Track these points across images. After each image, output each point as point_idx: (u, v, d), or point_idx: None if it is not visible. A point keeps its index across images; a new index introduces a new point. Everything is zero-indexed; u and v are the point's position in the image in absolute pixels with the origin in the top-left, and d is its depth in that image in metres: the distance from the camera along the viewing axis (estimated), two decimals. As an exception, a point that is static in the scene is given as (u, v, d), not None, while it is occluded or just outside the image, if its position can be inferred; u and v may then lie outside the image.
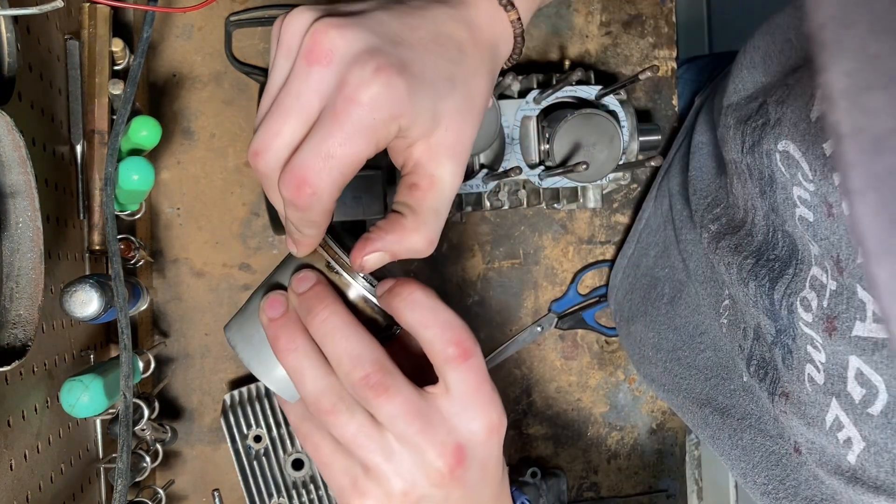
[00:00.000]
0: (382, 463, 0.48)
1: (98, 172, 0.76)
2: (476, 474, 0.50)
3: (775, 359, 0.64)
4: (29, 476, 0.66)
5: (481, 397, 0.48)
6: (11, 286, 0.60)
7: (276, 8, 0.93)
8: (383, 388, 0.47)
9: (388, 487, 0.49)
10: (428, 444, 0.47)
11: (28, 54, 0.66)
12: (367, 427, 0.48)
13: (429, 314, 0.48)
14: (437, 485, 0.48)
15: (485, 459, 0.50)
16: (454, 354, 0.48)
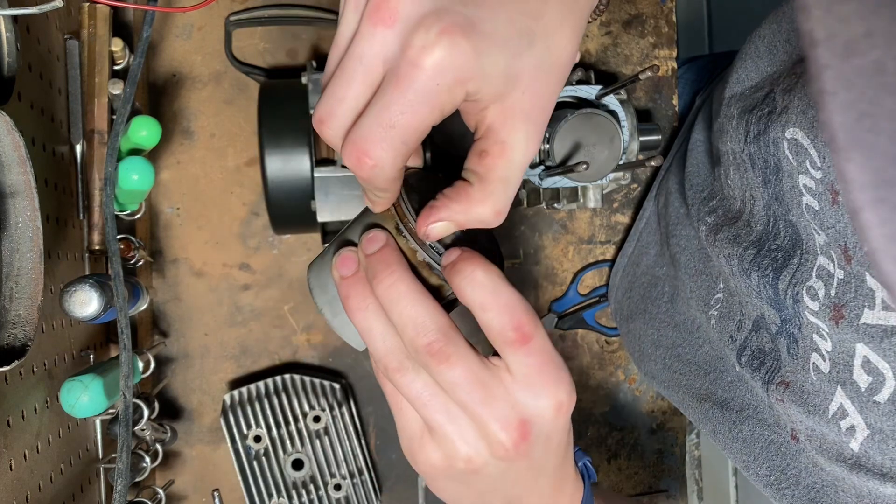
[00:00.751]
0: (447, 424, 0.48)
1: (98, 172, 0.76)
2: (541, 448, 0.49)
3: (779, 349, 0.64)
4: (29, 476, 0.66)
5: (545, 377, 0.48)
6: (11, 286, 0.60)
7: (276, 8, 0.93)
8: (445, 356, 0.46)
9: (451, 450, 0.49)
10: (490, 417, 0.47)
11: (28, 54, 0.66)
12: (432, 387, 0.48)
13: (489, 296, 0.47)
14: (501, 457, 0.48)
15: (550, 434, 0.50)
16: (513, 339, 0.47)
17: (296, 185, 0.79)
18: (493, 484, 0.51)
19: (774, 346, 0.65)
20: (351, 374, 0.97)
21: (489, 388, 0.47)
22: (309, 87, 0.79)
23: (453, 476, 0.50)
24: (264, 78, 0.93)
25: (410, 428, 0.51)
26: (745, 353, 0.69)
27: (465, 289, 0.47)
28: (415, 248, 0.51)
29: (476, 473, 0.49)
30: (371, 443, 0.98)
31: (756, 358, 0.67)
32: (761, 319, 0.67)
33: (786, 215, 0.63)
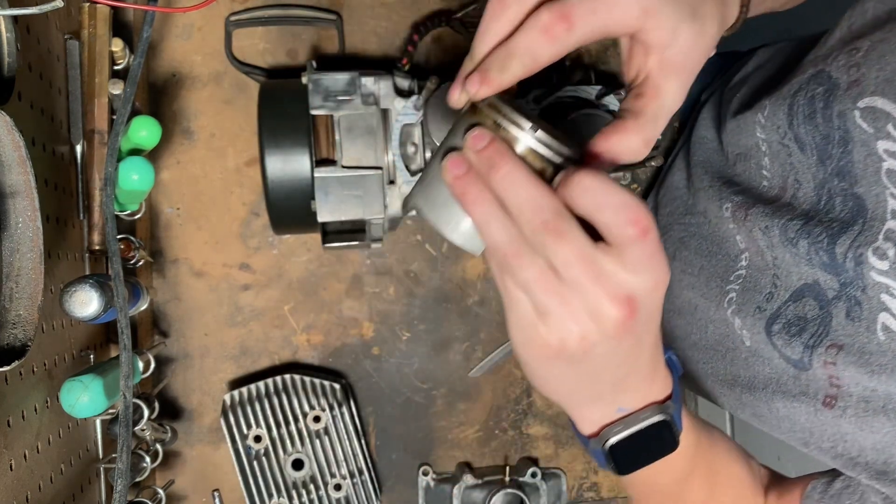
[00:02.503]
0: (560, 305, 0.50)
1: (98, 172, 0.76)
2: (644, 326, 0.52)
3: (832, 314, 0.64)
4: (29, 476, 0.66)
5: (654, 261, 0.50)
6: (11, 286, 0.60)
7: (277, 8, 0.93)
8: (561, 234, 0.49)
9: (564, 331, 0.51)
10: (601, 293, 0.49)
11: (28, 54, 0.66)
12: (546, 272, 0.50)
13: (602, 197, 0.48)
14: (611, 335, 0.51)
15: (652, 313, 0.53)
16: (633, 234, 0.48)
17: (296, 185, 0.79)
18: (602, 364, 0.54)
19: (825, 311, 0.65)
20: (351, 374, 0.97)
21: (599, 265, 0.49)
22: (309, 87, 0.79)
23: (564, 359, 0.53)
24: (264, 78, 0.93)
25: (525, 318, 0.53)
26: (776, 323, 0.70)
27: (578, 198, 0.49)
28: (516, 137, 0.53)
29: (587, 354, 0.52)
30: (371, 443, 0.98)
31: (794, 325, 0.68)
32: (810, 288, 0.68)
33: (849, 189, 0.64)
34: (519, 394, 1.00)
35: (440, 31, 0.96)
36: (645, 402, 0.59)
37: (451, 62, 0.97)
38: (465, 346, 0.99)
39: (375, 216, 0.80)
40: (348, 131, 0.80)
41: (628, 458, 0.59)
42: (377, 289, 0.97)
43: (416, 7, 0.96)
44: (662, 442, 0.59)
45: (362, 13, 0.96)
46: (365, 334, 0.97)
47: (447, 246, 0.98)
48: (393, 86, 0.81)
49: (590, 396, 0.58)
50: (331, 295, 0.96)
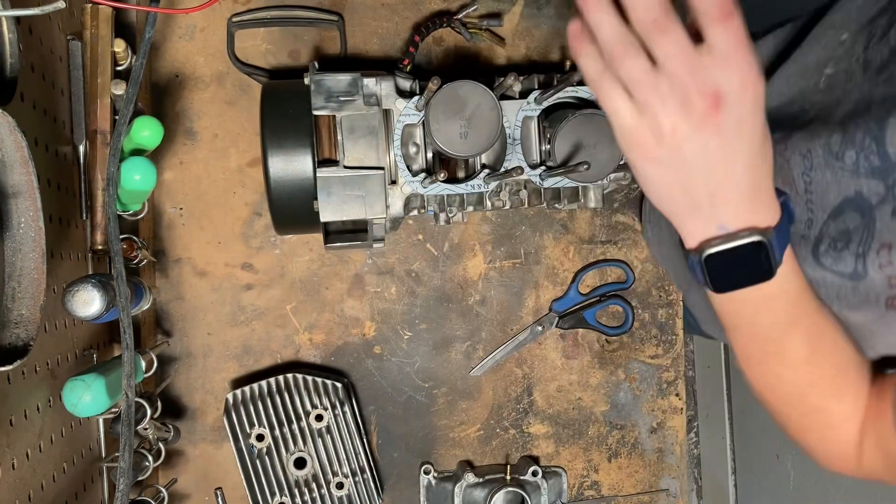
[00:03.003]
0: (657, 102, 0.57)
1: (100, 172, 0.77)
2: (732, 126, 0.57)
3: (874, 218, 0.66)
4: (31, 475, 0.66)
5: (739, 55, 0.55)
6: (13, 286, 0.61)
7: (279, 9, 0.93)
8: (666, 29, 0.55)
9: (657, 125, 0.58)
10: (692, 86, 0.56)
11: (30, 55, 0.67)
12: (648, 71, 0.57)
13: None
14: (697, 127, 0.57)
15: (741, 115, 0.57)
16: (716, 15, 0.55)
17: (298, 185, 0.80)
18: (694, 163, 0.59)
19: (867, 218, 0.67)
20: (353, 373, 0.98)
21: (694, 60, 0.56)
22: (311, 88, 0.79)
23: (661, 158, 0.59)
24: (266, 79, 0.93)
25: (627, 121, 0.59)
26: (822, 244, 0.72)
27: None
28: None
29: (679, 148, 0.58)
30: (373, 441, 0.99)
31: (839, 241, 0.70)
32: (850, 201, 0.69)
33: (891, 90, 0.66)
34: (520, 392, 1.01)
35: (441, 31, 0.96)
36: (745, 224, 0.62)
37: (452, 63, 0.97)
38: (466, 346, 0.99)
39: (377, 216, 0.81)
40: (350, 132, 0.80)
41: (723, 275, 0.64)
42: (379, 288, 0.97)
43: (418, 8, 0.97)
44: (758, 265, 0.63)
45: (364, 14, 0.96)
46: (367, 333, 0.98)
47: (448, 246, 0.98)
48: (394, 86, 0.81)
49: (689, 206, 0.62)
50: (333, 294, 0.97)
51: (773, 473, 1.89)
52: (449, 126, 0.78)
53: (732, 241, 0.61)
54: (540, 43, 0.99)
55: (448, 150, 0.78)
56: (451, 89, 0.77)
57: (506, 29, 0.98)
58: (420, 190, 0.82)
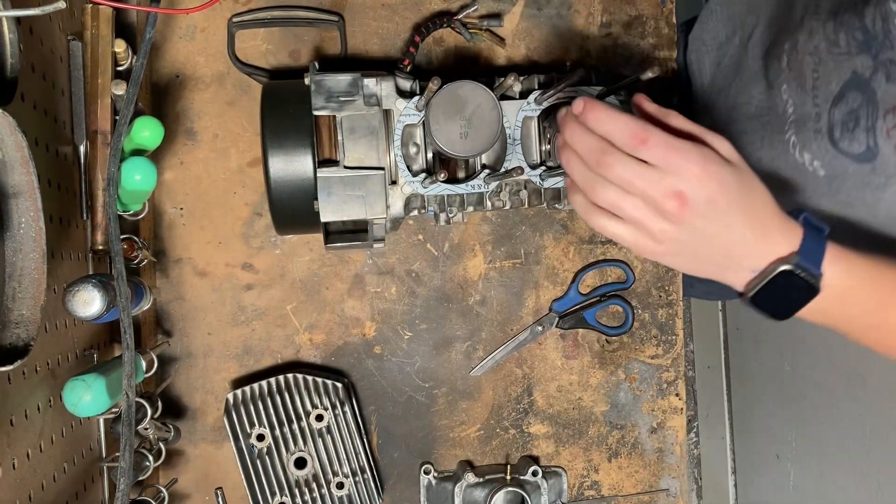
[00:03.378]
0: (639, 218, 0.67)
1: (101, 172, 0.77)
2: (706, 207, 0.65)
3: (873, 88, 0.72)
4: (31, 475, 0.66)
5: (676, 160, 0.64)
6: (14, 286, 0.61)
7: (279, 9, 0.93)
8: (611, 163, 0.66)
9: (650, 232, 0.67)
10: (657, 195, 0.65)
11: (31, 55, 0.67)
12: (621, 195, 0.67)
13: (606, 125, 0.66)
14: (678, 222, 0.65)
15: (709, 196, 0.65)
16: (633, 145, 0.65)
17: (298, 185, 0.80)
18: (697, 244, 0.68)
19: (867, 91, 0.72)
20: (353, 373, 0.98)
21: (647, 176, 0.65)
22: (311, 88, 0.79)
23: (669, 251, 0.68)
24: (267, 79, 0.93)
25: (628, 239, 0.69)
26: (836, 131, 0.77)
27: (596, 127, 0.67)
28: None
29: (677, 242, 0.67)
30: (373, 441, 0.99)
31: (849, 121, 0.76)
32: (848, 83, 0.75)
33: None
34: (520, 392, 1.01)
35: (442, 32, 0.97)
36: (769, 259, 0.69)
37: (452, 63, 0.98)
38: (466, 346, 0.99)
39: (377, 216, 0.81)
40: (350, 132, 0.80)
41: (777, 305, 0.71)
42: (379, 288, 0.97)
43: (418, 8, 0.97)
44: (797, 288, 0.69)
45: (364, 14, 0.96)
46: (367, 333, 0.98)
47: (448, 246, 0.98)
48: (395, 87, 0.82)
49: (717, 268, 0.71)
50: (333, 294, 0.97)
51: (773, 473, 1.89)
52: (449, 126, 0.78)
53: (765, 277, 0.69)
54: (540, 43, 0.99)
55: (448, 151, 0.78)
56: (451, 89, 0.77)
57: (506, 29, 0.98)
58: (420, 190, 0.82)
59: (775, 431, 1.86)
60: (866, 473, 1.51)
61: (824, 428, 1.66)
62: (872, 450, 1.49)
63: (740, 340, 2.13)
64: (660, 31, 1.00)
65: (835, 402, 1.63)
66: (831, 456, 1.65)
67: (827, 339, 1.66)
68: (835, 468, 1.64)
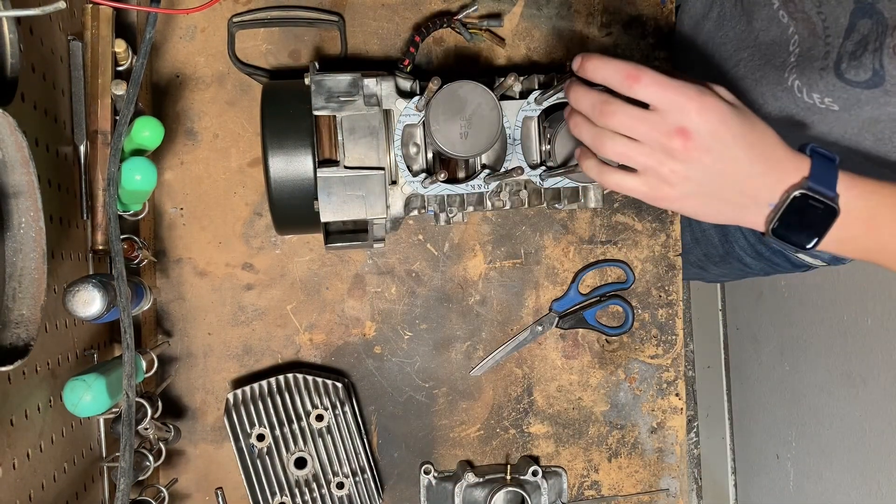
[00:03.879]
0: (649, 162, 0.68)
1: (101, 173, 0.77)
2: (711, 140, 0.66)
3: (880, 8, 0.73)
4: (32, 475, 0.66)
5: (671, 95, 0.65)
6: (14, 286, 0.61)
7: (279, 9, 0.93)
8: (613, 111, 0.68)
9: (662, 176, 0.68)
10: (661, 136, 0.66)
11: (31, 55, 0.67)
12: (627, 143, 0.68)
13: (603, 71, 0.68)
14: (686, 159, 0.67)
15: (712, 129, 0.66)
16: (627, 83, 0.66)
17: (299, 185, 0.80)
18: (710, 182, 0.69)
19: (874, 15, 0.74)
20: (353, 373, 0.98)
21: (648, 118, 0.66)
22: (312, 88, 0.79)
23: (684, 193, 0.69)
24: (267, 79, 0.93)
25: (642, 189, 0.70)
26: (842, 63, 0.79)
27: (594, 75, 0.69)
28: None
29: (689, 180, 0.68)
30: (373, 441, 0.99)
31: (857, 49, 0.77)
32: (856, 12, 0.76)
33: None
34: (520, 392, 1.01)
35: (442, 32, 0.97)
36: (783, 189, 0.70)
37: (452, 63, 0.98)
38: (466, 346, 0.99)
39: (378, 216, 0.81)
40: (351, 132, 0.80)
41: (800, 235, 0.71)
42: (379, 288, 0.97)
43: (418, 8, 0.97)
44: (816, 211, 0.70)
45: (364, 14, 0.96)
46: (367, 333, 0.98)
47: (449, 246, 0.98)
48: (395, 87, 0.82)
49: (735, 208, 0.71)
50: (333, 294, 0.97)
51: (773, 473, 1.89)
52: (449, 126, 0.78)
53: (781, 206, 0.69)
54: (540, 43, 0.99)
55: (448, 151, 0.78)
56: (451, 89, 0.77)
57: (506, 29, 0.98)
58: (420, 190, 0.82)
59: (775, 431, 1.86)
60: (866, 473, 1.51)
61: (824, 428, 1.66)
62: (872, 450, 1.49)
63: (740, 340, 2.13)
64: (660, 31, 1.00)
65: (835, 402, 1.63)
66: (831, 456, 1.65)
67: (827, 339, 1.66)
68: (835, 468, 1.64)
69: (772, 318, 1.92)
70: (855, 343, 1.54)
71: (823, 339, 1.67)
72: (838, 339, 1.60)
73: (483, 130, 0.78)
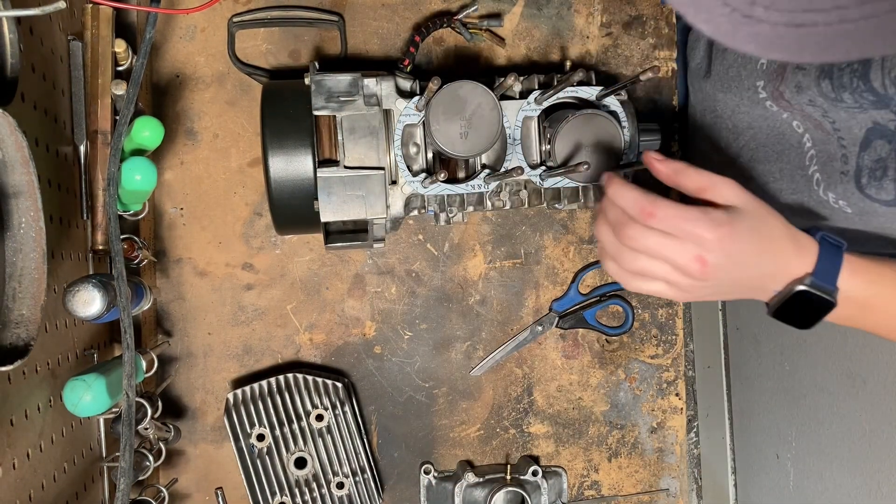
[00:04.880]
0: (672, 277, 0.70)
1: (101, 172, 0.77)
2: (725, 260, 0.69)
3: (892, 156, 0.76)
4: (32, 475, 0.66)
5: (688, 227, 0.68)
6: (14, 286, 0.61)
7: (279, 9, 0.93)
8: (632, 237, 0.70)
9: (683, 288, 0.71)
10: (681, 259, 0.69)
11: (31, 55, 0.67)
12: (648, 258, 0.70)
13: (621, 201, 0.70)
14: (703, 278, 0.69)
15: (727, 251, 0.69)
16: (644, 219, 0.69)
17: (299, 185, 0.80)
18: (725, 287, 0.72)
19: (894, 142, 0.76)
20: (353, 372, 0.98)
21: (668, 241, 0.69)
22: (312, 88, 0.79)
23: (701, 296, 0.73)
24: (267, 79, 0.93)
25: (669, 292, 0.73)
26: (862, 177, 0.81)
27: (616, 201, 0.71)
28: None
29: (706, 289, 0.72)
30: (373, 441, 0.99)
31: (876, 169, 0.79)
32: (873, 131, 0.78)
33: None
34: (520, 392, 1.01)
35: (442, 32, 0.97)
36: (786, 281, 0.73)
37: (452, 63, 0.98)
38: (466, 346, 0.99)
39: (378, 216, 0.81)
40: (351, 132, 0.80)
41: (797, 319, 0.75)
42: (379, 288, 0.97)
43: (418, 8, 0.97)
44: (813, 303, 0.73)
45: (364, 14, 0.96)
46: (367, 333, 0.98)
47: (449, 246, 0.98)
48: (395, 87, 0.82)
49: (746, 293, 0.75)
50: (333, 294, 0.97)
51: (773, 473, 1.89)
52: (449, 126, 0.78)
53: (781, 299, 0.73)
54: (540, 43, 0.99)
55: (448, 151, 0.78)
56: (451, 89, 0.77)
57: (506, 29, 0.98)
58: (420, 190, 0.82)
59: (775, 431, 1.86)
60: (866, 473, 1.51)
61: (824, 428, 1.66)
62: (872, 450, 1.49)
63: (740, 340, 2.12)
64: (660, 31, 1.00)
65: (835, 401, 1.63)
66: (831, 456, 1.64)
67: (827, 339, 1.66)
68: (835, 468, 1.64)
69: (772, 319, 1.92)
70: (855, 343, 1.54)
71: (823, 339, 1.67)
72: (838, 339, 1.59)
73: (483, 130, 0.78)
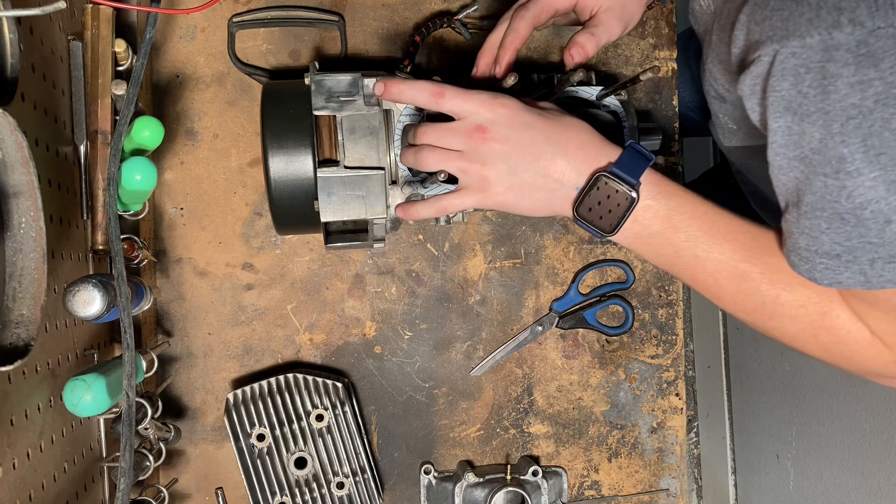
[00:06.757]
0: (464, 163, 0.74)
1: (101, 172, 0.77)
2: (508, 131, 0.73)
3: None
4: (32, 475, 0.66)
5: (466, 103, 0.73)
6: (14, 286, 0.61)
7: (279, 9, 0.93)
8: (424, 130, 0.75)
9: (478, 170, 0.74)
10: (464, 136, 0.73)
11: (31, 55, 0.67)
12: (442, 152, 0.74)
13: (410, 93, 0.74)
14: (490, 146, 0.72)
15: (507, 119, 0.73)
16: (434, 101, 0.73)
17: (299, 185, 0.80)
18: (517, 167, 0.73)
19: None
20: (353, 373, 0.98)
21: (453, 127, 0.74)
22: (312, 88, 0.79)
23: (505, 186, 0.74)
24: (267, 79, 0.93)
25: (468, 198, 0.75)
26: None
27: (407, 98, 0.75)
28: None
29: (499, 169, 0.73)
30: (373, 441, 0.99)
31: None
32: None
33: None
34: (520, 392, 1.01)
35: (442, 32, 0.97)
36: (588, 173, 0.74)
37: (452, 63, 0.98)
38: (466, 346, 0.99)
39: (378, 216, 0.81)
40: (351, 132, 0.80)
41: (597, 218, 0.74)
42: (379, 288, 0.97)
43: (418, 8, 0.97)
44: (616, 196, 0.73)
45: (364, 14, 0.96)
46: (367, 333, 0.98)
47: (449, 246, 0.98)
48: (394, 86, 0.81)
49: (547, 196, 0.75)
50: (333, 294, 0.97)
51: (773, 473, 1.89)
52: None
53: (585, 192, 0.73)
54: (540, 43, 0.99)
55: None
56: (451, 89, 0.77)
57: (506, 29, 0.98)
58: (420, 190, 0.82)
59: (775, 431, 1.86)
60: (866, 473, 1.51)
61: (824, 428, 1.66)
62: (872, 450, 1.49)
63: (740, 340, 2.13)
64: (660, 31, 1.00)
65: (835, 401, 1.63)
66: (831, 456, 1.65)
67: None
68: (835, 468, 1.64)
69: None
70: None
71: (823, 339, 1.67)
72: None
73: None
